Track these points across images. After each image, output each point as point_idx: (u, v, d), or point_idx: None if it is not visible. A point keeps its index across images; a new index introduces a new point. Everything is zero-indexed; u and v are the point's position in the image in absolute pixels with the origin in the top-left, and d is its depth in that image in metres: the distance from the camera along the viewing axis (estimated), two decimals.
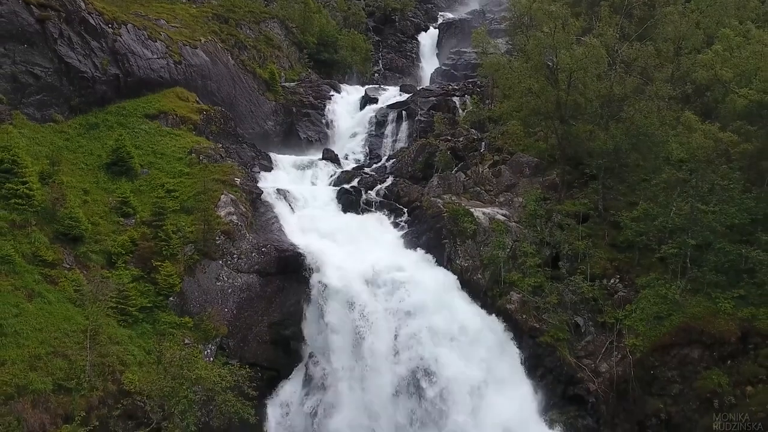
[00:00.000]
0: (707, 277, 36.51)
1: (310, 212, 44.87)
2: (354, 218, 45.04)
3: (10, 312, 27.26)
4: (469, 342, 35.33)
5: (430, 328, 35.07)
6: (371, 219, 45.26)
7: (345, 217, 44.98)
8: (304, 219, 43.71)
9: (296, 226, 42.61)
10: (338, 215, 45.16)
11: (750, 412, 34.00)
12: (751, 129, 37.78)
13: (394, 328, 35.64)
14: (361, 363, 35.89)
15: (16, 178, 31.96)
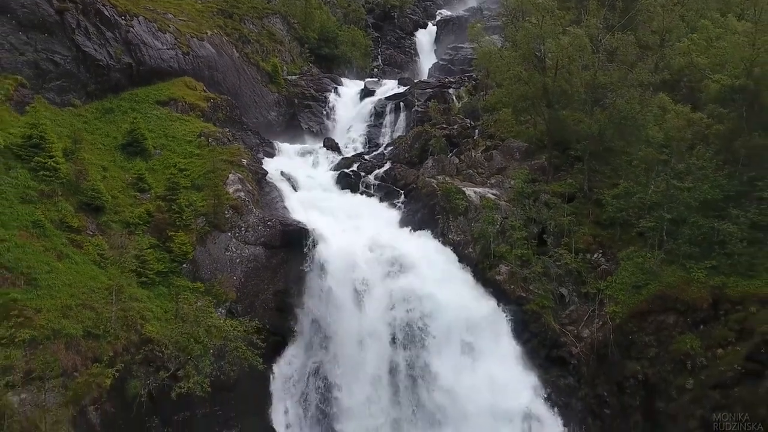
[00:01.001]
0: (682, 249, 40.18)
1: (312, 193, 48.66)
2: (353, 199, 48.85)
3: (43, 269, 30.96)
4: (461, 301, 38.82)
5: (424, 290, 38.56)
6: (369, 200, 48.87)
7: (345, 197, 48.75)
8: (305, 199, 47.45)
9: (298, 205, 46.31)
10: (338, 196, 48.95)
11: (720, 370, 37.42)
12: (723, 111, 41.51)
13: (390, 294, 39.16)
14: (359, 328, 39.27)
15: (44, 152, 35.72)
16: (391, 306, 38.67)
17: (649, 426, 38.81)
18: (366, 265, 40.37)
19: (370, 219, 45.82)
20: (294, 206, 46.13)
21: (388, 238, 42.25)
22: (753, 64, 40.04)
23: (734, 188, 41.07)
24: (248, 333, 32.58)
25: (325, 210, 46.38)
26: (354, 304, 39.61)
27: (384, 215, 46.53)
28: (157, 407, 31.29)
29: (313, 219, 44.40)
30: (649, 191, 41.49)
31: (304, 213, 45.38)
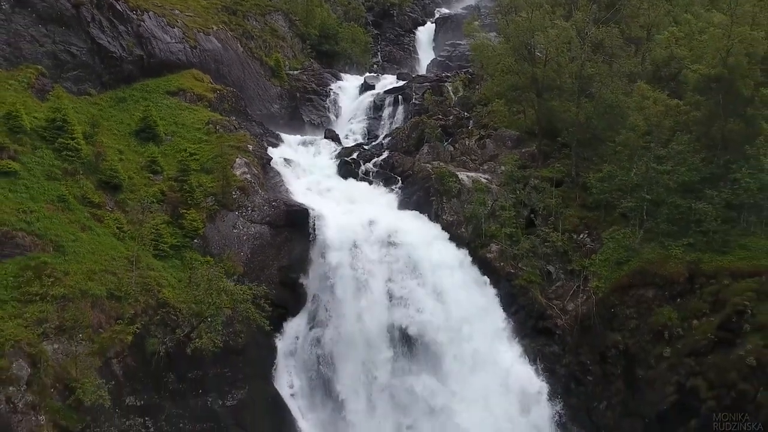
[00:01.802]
0: (661, 227, 43.90)
1: (314, 179, 52.43)
2: (353, 185, 52.58)
3: (69, 237, 34.68)
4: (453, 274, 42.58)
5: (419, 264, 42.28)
6: (368, 186, 52.63)
7: (345, 183, 52.53)
8: (307, 184, 51.31)
9: (301, 190, 50.10)
10: (339, 182, 52.71)
11: (695, 339, 40.95)
12: (701, 99, 45.25)
13: (388, 269, 42.84)
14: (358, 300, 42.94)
15: (66, 134, 39.47)
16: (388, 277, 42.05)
17: (630, 392, 42.29)
18: (364, 241, 43.85)
19: (368, 203, 49.43)
20: (296, 190, 49.79)
21: (385, 217, 45.79)
22: (728, 54, 43.56)
23: (710, 171, 44.75)
24: (256, 297, 36.04)
25: (326, 194, 50.07)
26: (353, 278, 43.06)
27: (382, 199, 50.16)
28: (173, 364, 34.91)
29: (315, 202, 47.95)
30: (631, 174, 45.09)
31: (306, 197, 49.02)
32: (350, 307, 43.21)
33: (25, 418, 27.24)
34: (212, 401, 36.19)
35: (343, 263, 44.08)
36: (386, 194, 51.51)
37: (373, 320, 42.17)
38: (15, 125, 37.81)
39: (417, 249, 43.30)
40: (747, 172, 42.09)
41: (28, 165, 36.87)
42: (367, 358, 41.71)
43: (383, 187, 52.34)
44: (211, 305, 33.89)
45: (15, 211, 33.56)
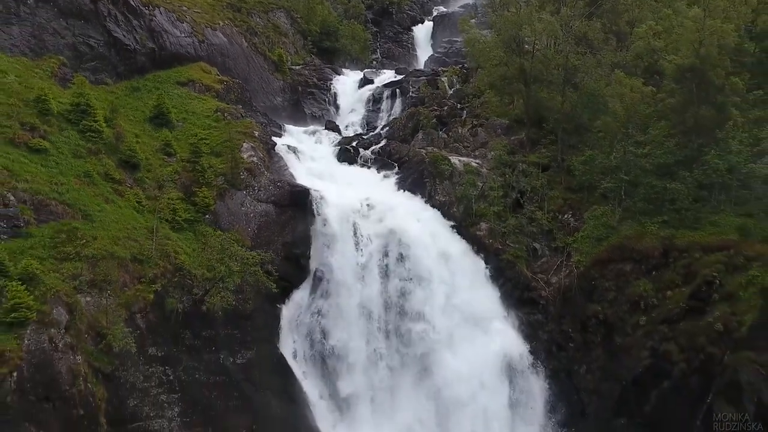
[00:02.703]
0: (638, 206, 48.57)
1: (315, 164, 57.24)
2: (352, 170, 57.52)
3: (95, 208, 39.46)
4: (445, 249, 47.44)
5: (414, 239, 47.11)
6: (366, 171, 57.49)
7: (344, 169, 57.42)
8: (309, 169, 56.07)
9: (303, 174, 54.84)
10: (339, 167, 57.60)
11: (668, 308, 45.51)
12: (676, 87, 50.06)
13: (384, 243, 47.61)
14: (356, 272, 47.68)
15: (89, 117, 44.30)
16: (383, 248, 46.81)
17: (608, 358, 46.86)
18: (362, 218, 48.61)
19: (366, 186, 54.21)
20: (299, 174, 54.52)
21: (381, 197, 50.63)
22: (701, 46, 48.31)
23: (684, 154, 49.46)
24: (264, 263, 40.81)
25: (327, 178, 54.84)
26: (351, 252, 47.80)
27: (379, 183, 55.01)
28: (189, 323, 39.65)
29: (316, 184, 52.71)
30: (611, 157, 49.82)
31: (307, 180, 53.70)
32: (349, 280, 47.65)
33: (65, 357, 31.92)
34: (224, 358, 40.86)
35: (342, 239, 48.60)
36: (383, 178, 56.19)
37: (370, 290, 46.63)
38: (44, 108, 42.61)
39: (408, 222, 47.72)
40: (716, 155, 46.61)
41: (56, 144, 41.62)
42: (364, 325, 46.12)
43: (380, 173, 56.95)
44: (223, 268, 38.51)
45: (48, 183, 38.33)
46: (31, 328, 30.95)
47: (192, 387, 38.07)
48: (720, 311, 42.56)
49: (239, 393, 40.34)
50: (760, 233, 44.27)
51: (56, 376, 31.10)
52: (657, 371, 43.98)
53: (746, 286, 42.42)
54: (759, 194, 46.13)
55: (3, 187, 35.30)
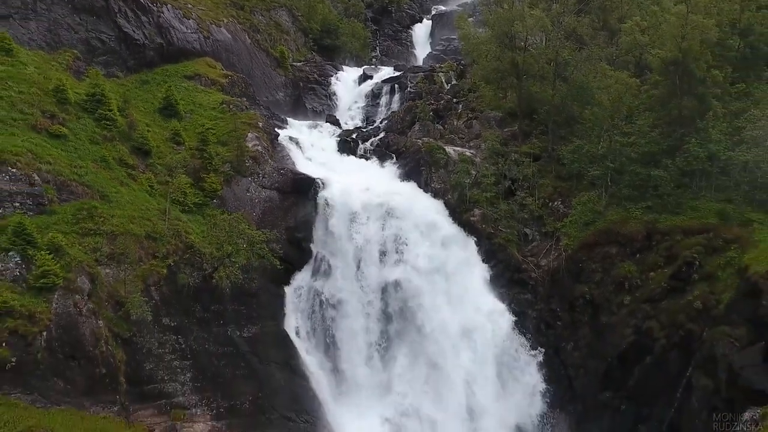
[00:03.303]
0: (623, 192, 52.18)
1: (316, 155, 60.84)
2: (352, 160, 61.15)
3: (111, 190, 43.07)
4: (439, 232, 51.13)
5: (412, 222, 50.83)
6: (366, 161, 61.18)
7: (344, 159, 61.05)
8: (311, 159, 59.67)
9: (305, 163, 58.46)
10: (339, 157, 61.27)
11: (651, 288, 49.00)
12: (660, 79, 53.71)
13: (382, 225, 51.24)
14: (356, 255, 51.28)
15: (104, 106, 47.93)
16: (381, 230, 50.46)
17: (594, 336, 50.39)
18: (361, 203, 52.24)
19: (365, 174, 57.82)
20: (301, 164, 58.13)
21: (380, 185, 54.34)
22: (683, 40, 51.89)
23: (668, 143, 53.10)
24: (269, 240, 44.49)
25: (328, 167, 58.48)
26: (351, 233, 51.40)
27: (378, 172, 58.65)
28: (199, 297, 43.24)
29: (318, 173, 56.28)
30: (599, 146, 53.43)
31: (309, 169, 57.29)
32: (348, 261, 51.27)
33: (88, 321, 35.50)
34: (231, 331, 44.46)
35: (342, 223, 52.21)
36: (382, 168, 59.83)
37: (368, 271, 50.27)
38: (62, 97, 46.25)
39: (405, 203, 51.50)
40: (697, 143, 50.23)
41: (74, 130, 45.25)
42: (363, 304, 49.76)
43: (379, 162, 60.60)
44: (231, 244, 42.15)
45: (68, 166, 41.95)
46: (58, 293, 34.50)
47: (202, 356, 41.62)
48: (699, 290, 45.99)
49: (245, 364, 43.88)
50: (738, 217, 47.81)
51: (80, 337, 34.66)
52: (640, 347, 47.45)
53: (724, 267, 45.82)
54: (737, 181, 49.66)
55: (29, 168, 38.84)
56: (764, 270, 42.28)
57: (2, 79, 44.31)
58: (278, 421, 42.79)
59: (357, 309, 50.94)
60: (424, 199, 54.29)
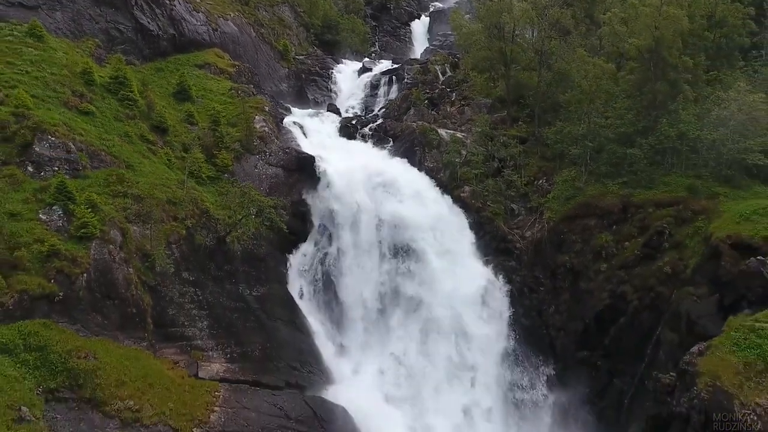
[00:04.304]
0: (601, 169, 58.71)
1: (318, 138, 67.49)
2: (351, 143, 67.80)
3: (136, 160, 49.67)
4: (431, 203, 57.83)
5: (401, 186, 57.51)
6: (365, 144, 67.85)
7: (345, 141, 67.65)
8: (313, 141, 66.23)
9: (308, 144, 65.06)
10: (340, 140, 67.88)
11: (625, 256, 55.50)
12: (635, 66, 60.36)
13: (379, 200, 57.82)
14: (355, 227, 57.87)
15: (126, 88, 54.58)
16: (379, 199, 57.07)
17: (574, 300, 56.79)
18: (359, 179, 58.86)
19: (364, 154, 64.48)
20: (304, 146, 64.75)
21: (377, 163, 61.03)
22: (656, 29, 58.47)
23: (642, 124, 59.61)
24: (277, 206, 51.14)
25: (329, 149, 65.07)
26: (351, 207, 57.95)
27: (375, 153, 65.28)
28: (213, 257, 49.75)
29: (320, 153, 62.92)
30: (579, 127, 60.01)
31: (312, 150, 63.90)
32: (348, 231, 57.86)
33: (121, 267, 42.00)
34: (242, 289, 50.90)
35: (342, 197, 58.78)
36: (379, 150, 66.49)
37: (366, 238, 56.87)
38: (89, 79, 52.89)
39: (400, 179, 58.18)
40: (668, 123, 56.73)
41: (100, 108, 51.85)
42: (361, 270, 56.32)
43: (376, 145, 67.29)
44: (243, 209, 48.79)
45: (98, 138, 48.54)
46: (95, 242, 40.99)
47: (217, 307, 48.09)
48: (669, 257, 52.21)
49: (255, 318, 50.35)
50: (705, 191, 54.10)
51: (114, 281, 41.15)
52: (615, 309, 53.81)
53: (692, 236, 52.12)
54: (705, 158, 56.09)
55: (65, 137, 45.44)
56: (725, 235, 48.35)
57: (36, 62, 50.83)
58: (285, 369, 49.08)
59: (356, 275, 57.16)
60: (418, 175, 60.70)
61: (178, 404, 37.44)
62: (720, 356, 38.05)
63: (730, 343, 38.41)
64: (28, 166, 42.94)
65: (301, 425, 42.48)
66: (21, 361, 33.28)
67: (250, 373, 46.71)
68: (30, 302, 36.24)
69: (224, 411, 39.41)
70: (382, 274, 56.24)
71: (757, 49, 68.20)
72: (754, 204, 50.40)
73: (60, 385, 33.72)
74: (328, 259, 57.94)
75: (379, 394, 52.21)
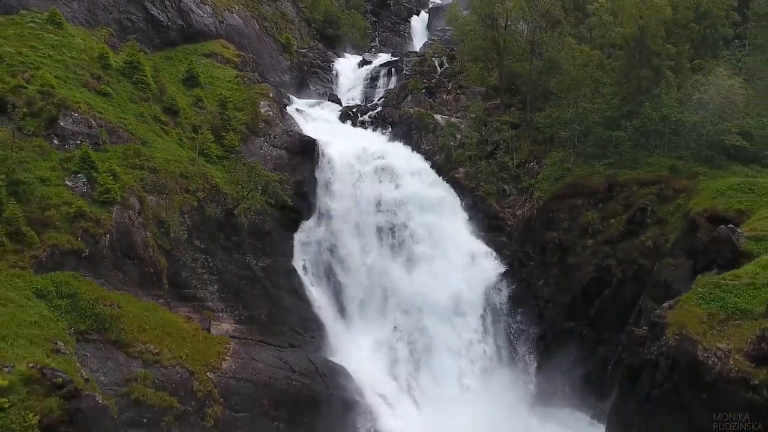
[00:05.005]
0: (588, 151, 63.65)
1: (320, 124, 72.51)
2: (352, 128, 72.84)
3: (150, 138, 54.57)
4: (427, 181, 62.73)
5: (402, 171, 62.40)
6: (364, 130, 72.85)
7: (345, 127, 72.70)
8: (315, 127, 71.19)
9: (310, 129, 70.02)
10: (340, 126, 72.96)
11: (610, 232, 60.26)
12: (620, 53, 65.36)
13: (378, 177, 62.74)
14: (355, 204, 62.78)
15: (140, 72, 59.60)
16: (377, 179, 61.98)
17: (562, 274, 61.55)
18: (359, 160, 63.81)
19: (363, 139, 69.43)
20: (306, 130, 69.71)
21: (376, 145, 65.98)
22: (641, 18, 63.44)
23: (627, 108, 64.55)
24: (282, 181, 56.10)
25: (331, 134, 70.02)
26: (351, 187, 62.86)
27: (374, 137, 70.24)
28: (222, 228, 54.60)
29: (322, 137, 67.89)
30: (568, 112, 64.97)
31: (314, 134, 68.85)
32: (348, 209, 62.74)
33: (139, 231, 46.87)
34: (249, 259, 55.76)
35: (343, 177, 63.71)
36: (378, 135, 71.47)
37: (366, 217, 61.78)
38: (105, 63, 57.89)
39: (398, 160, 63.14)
40: (651, 107, 61.64)
41: (116, 90, 56.83)
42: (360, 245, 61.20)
43: (376, 131, 72.29)
44: (250, 183, 53.73)
45: (115, 117, 53.47)
46: (117, 207, 45.85)
47: (226, 274, 52.94)
48: (651, 232, 57.12)
49: (261, 286, 55.18)
50: (686, 171, 58.95)
51: (134, 243, 46.00)
52: (600, 282, 58.56)
53: (673, 212, 56.96)
54: (686, 139, 60.99)
55: (87, 114, 50.36)
56: (701, 209, 53.11)
57: (57, 46, 55.84)
58: (289, 333, 53.89)
59: (356, 251, 62.01)
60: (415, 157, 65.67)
61: (193, 351, 42.17)
62: (687, 309, 42.50)
63: (697, 297, 42.85)
64: (53, 138, 47.74)
65: (305, 378, 47.13)
66: (54, 305, 37.98)
67: (256, 334, 51.47)
68: (60, 256, 41.04)
69: (234, 360, 44.15)
70: (382, 250, 60.81)
71: (740, 39, 73.14)
72: (730, 181, 55.24)
73: (89, 328, 38.44)
74: (329, 236, 62.56)
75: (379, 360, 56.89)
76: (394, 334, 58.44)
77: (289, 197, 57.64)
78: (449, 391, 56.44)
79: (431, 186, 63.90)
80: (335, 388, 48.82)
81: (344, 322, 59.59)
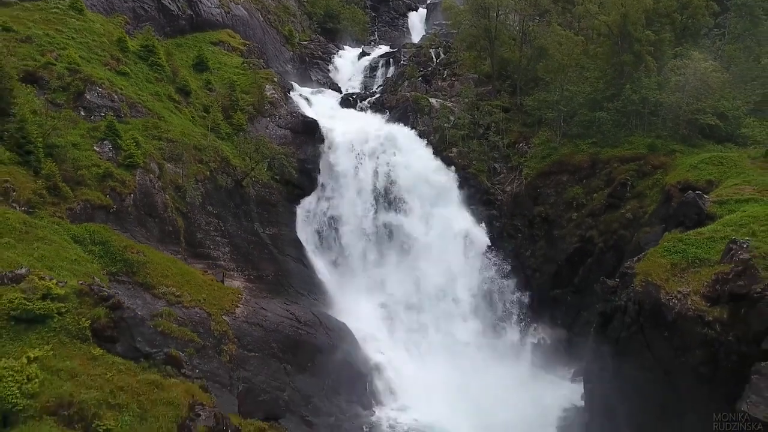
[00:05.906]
0: (573, 131, 70.31)
1: (322, 108, 79.12)
2: (352, 112, 79.47)
3: (166, 114, 61.15)
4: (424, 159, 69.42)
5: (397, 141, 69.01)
6: (364, 113, 79.49)
7: (346, 110, 79.33)
8: (317, 111, 77.83)
9: (312, 113, 76.65)
10: (341, 110, 79.58)
11: (593, 205, 66.92)
12: (604, 40, 72.07)
13: (377, 157, 69.33)
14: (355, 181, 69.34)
15: (155, 55, 66.23)
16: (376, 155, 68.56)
17: (549, 246, 68.16)
18: (359, 140, 70.40)
19: (363, 121, 76.07)
20: (309, 113, 76.32)
21: (375, 125, 72.64)
22: (623, 6, 70.19)
23: (610, 91, 71.18)
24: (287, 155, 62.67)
25: (332, 117, 76.68)
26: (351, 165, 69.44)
27: (373, 119, 76.85)
28: (232, 197, 61.13)
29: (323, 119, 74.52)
30: (555, 94, 71.61)
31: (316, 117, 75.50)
32: (348, 186, 69.29)
33: (159, 193, 53.27)
34: (257, 227, 62.27)
35: (343, 155, 70.28)
36: (376, 118, 78.10)
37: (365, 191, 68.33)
38: (123, 46, 64.52)
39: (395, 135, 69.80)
40: (631, 89, 68.24)
41: (134, 71, 63.47)
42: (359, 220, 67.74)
43: (374, 114, 78.93)
44: (257, 155, 60.30)
45: (134, 93, 60.07)
46: (140, 170, 52.36)
47: (236, 238, 59.45)
48: (631, 205, 63.76)
49: (268, 252, 61.66)
50: (663, 149, 65.51)
51: (154, 203, 52.47)
52: (583, 252, 65.25)
53: (651, 187, 63.44)
54: (664, 120, 67.58)
55: (110, 89, 56.92)
56: (675, 181, 59.64)
57: (80, 30, 62.51)
58: (294, 293, 60.30)
59: (355, 223, 68.53)
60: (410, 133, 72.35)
61: (210, 297, 48.57)
62: (653, 260, 48.89)
63: (662, 250, 49.20)
64: (81, 110, 54.24)
65: (309, 327, 53.54)
66: (89, 250, 44.32)
67: (265, 292, 57.90)
68: (92, 210, 47.47)
69: (246, 308, 50.56)
70: (379, 221, 67.34)
71: (719, 28, 79.93)
72: (703, 156, 61.70)
73: (119, 271, 44.81)
74: (330, 209, 69.10)
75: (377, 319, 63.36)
76: (391, 298, 64.60)
77: (294, 170, 63.88)
78: (444, 347, 62.78)
79: (427, 162, 70.05)
80: (337, 340, 55.15)
81: (345, 287, 65.88)
